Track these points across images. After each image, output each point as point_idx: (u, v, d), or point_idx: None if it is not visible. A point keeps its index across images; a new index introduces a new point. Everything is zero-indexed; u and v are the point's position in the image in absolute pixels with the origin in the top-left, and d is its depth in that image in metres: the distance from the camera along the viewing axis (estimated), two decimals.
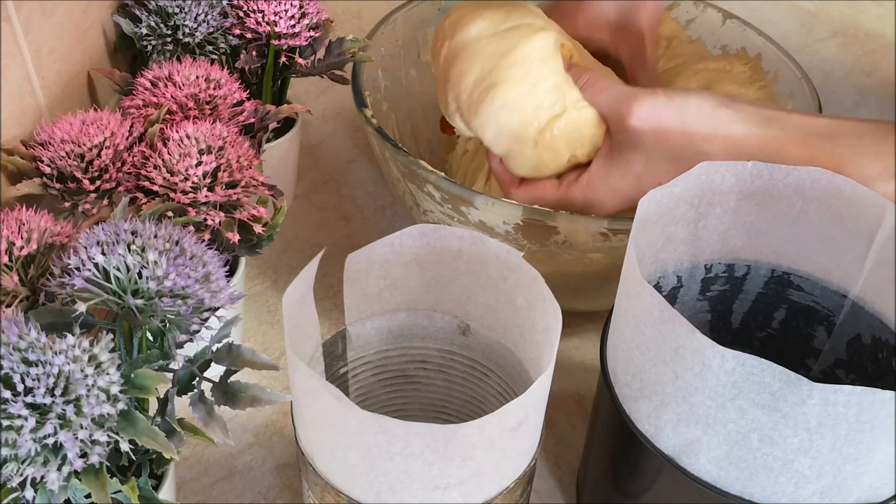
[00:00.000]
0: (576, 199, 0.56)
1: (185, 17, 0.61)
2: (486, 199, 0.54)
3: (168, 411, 0.41)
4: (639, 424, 0.44)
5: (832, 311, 0.51)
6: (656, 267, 0.50)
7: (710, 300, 0.54)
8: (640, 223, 0.44)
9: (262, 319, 0.66)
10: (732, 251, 0.51)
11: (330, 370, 0.49)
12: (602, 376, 0.47)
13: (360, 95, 0.63)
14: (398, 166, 0.59)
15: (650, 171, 0.52)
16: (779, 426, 0.38)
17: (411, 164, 0.56)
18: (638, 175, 0.53)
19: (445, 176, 0.55)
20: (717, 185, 0.48)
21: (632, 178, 0.53)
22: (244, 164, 0.51)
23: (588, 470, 0.53)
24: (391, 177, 0.63)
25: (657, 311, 0.40)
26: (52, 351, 0.35)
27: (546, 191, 0.57)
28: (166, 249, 0.39)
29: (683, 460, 0.42)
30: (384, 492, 0.39)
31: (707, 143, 0.50)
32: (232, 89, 0.57)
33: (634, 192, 0.53)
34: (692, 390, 0.39)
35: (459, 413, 0.53)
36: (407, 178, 0.59)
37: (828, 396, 0.35)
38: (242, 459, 0.57)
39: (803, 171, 0.46)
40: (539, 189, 0.57)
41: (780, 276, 0.51)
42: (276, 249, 0.71)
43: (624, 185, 0.54)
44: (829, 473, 0.39)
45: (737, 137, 0.50)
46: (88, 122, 0.51)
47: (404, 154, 0.57)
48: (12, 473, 0.33)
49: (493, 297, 0.46)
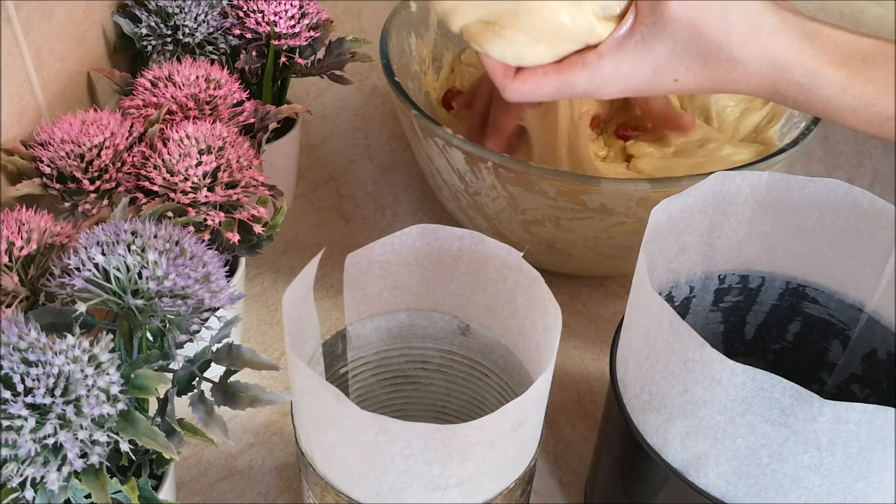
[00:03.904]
0: (578, 85, 0.51)
1: (185, 18, 0.61)
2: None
3: (168, 411, 0.41)
4: (647, 437, 0.44)
5: (847, 324, 0.50)
6: (669, 277, 0.49)
7: (723, 311, 0.53)
8: (653, 232, 0.44)
9: (262, 319, 0.66)
10: (747, 262, 0.51)
11: (330, 370, 0.49)
12: (611, 386, 0.47)
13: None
14: None
15: (671, 63, 0.49)
16: (789, 443, 0.37)
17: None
18: (656, 66, 0.49)
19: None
20: (732, 195, 0.47)
21: (648, 67, 0.49)
22: (244, 164, 0.51)
23: (596, 480, 0.53)
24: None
25: (667, 323, 0.39)
26: (52, 351, 0.35)
27: (545, 76, 0.52)
28: (166, 249, 0.39)
29: (692, 474, 0.42)
30: (384, 492, 0.39)
31: (742, 48, 0.47)
32: (232, 89, 0.57)
33: (646, 84, 0.50)
34: (701, 404, 0.39)
35: (459, 413, 0.53)
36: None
37: (839, 414, 0.35)
38: (242, 459, 0.57)
39: (820, 183, 0.46)
40: (537, 75, 0.52)
41: (795, 289, 0.51)
42: (276, 249, 0.71)
43: (637, 74, 0.50)
44: (839, 492, 0.38)
45: (775, 49, 0.47)
46: (88, 122, 0.51)
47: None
48: (12, 473, 0.33)
49: (493, 297, 0.46)
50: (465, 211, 0.65)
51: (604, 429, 0.51)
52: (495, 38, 0.51)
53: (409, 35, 0.73)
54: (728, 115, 0.72)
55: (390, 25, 0.70)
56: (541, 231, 0.62)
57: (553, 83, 0.51)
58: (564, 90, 0.51)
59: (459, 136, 0.58)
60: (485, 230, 0.65)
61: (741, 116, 0.72)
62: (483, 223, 0.65)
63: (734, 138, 0.71)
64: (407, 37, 0.73)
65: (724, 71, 0.49)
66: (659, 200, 0.44)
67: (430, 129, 0.60)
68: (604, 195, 0.56)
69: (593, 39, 0.50)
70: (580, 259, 0.65)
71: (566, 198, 0.57)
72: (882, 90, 0.46)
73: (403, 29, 0.72)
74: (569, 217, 0.59)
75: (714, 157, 0.67)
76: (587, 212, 0.58)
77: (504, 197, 0.60)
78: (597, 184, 0.56)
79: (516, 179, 0.57)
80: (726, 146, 0.68)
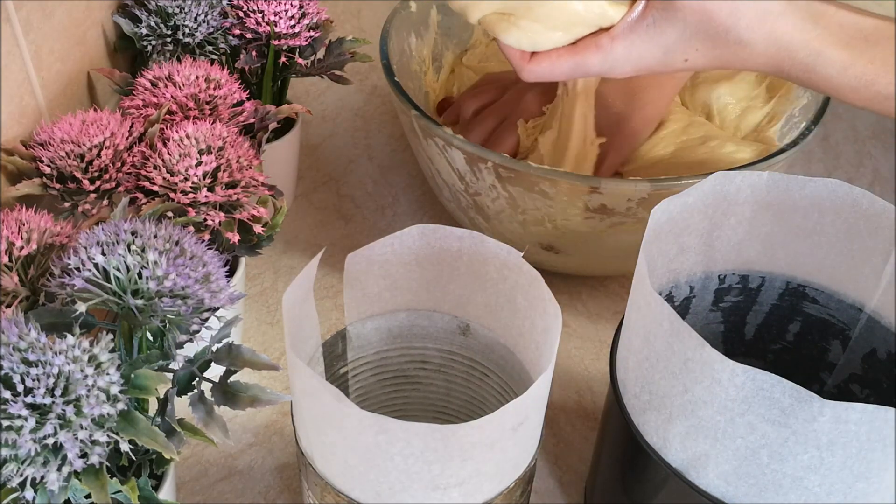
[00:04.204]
0: (592, 66, 0.53)
1: (185, 17, 0.61)
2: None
3: (168, 411, 0.41)
4: (647, 437, 0.44)
5: (847, 324, 0.50)
6: (668, 277, 0.49)
7: (723, 311, 0.53)
8: (653, 232, 0.44)
9: (262, 319, 0.66)
10: (747, 262, 0.51)
11: (330, 370, 0.49)
12: (611, 386, 0.47)
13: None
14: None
15: (681, 45, 0.51)
16: (789, 443, 0.37)
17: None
18: (667, 48, 0.51)
19: None
20: (732, 195, 0.47)
21: (659, 50, 0.51)
22: (244, 164, 0.51)
23: (596, 480, 0.53)
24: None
25: (667, 323, 0.39)
26: (52, 351, 0.35)
27: (560, 58, 0.54)
28: (166, 249, 0.39)
29: (692, 474, 0.42)
30: (384, 492, 0.39)
31: (750, 31, 0.49)
32: (232, 89, 0.57)
33: (657, 64, 0.52)
34: (701, 404, 0.39)
35: (459, 413, 0.53)
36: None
37: (839, 414, 0.35)
38: (242, 459, 0.57)
39: (820, 183, 0.46)
40: (552, 58, 0.54)
41: (795, 289, 0.51)
42: (276, 249, 0.71)
43: (648, 55, 0.52)
44: (839, 492, 0.38)
45: (781, 31, 0.49)
46: (88, 122, 0.51)
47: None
48: (12, 473, 0.33)
49: (493, 297, 0.46)
50: (465, 211, 0.65)
51: (604, 429, 0.51)
52: (511, 27, 0.53)
53: (409, 35, 0.73)
54: (729, 113, 0.72)
55: (390, 25, 0.70)
56: (541, 231, 0.62)
57: (568, 64, 0.54)
58: (579, 70, 0.54)
59: (459, 136, 0.58)
60: (485, 230, 0.65)
61: (742, 115, 0.72)
62: (483, 223, 0.65)
63: (735, 137, 0.71)
64: (407, 37, 0.73)
65: (732, 52, 0.50)
66: (659, 200, 0.44)
67: (430, 129, 0.60)
68: (604, 195, 0.56)
69: (606, 22, 0.52)
70: (580, 259, 0.65)
71: (566, 198, 0.57)
72: (882, 70, 0.48)
73: (403, 29, 0.72)
74: (569, 217, 0.59)
75: (716, 155, 0.67)
76: (587, 212, 0.58)
77: (504, 197, 0.60)
78: (597, 184, 0.56)
79: (516, 179, 0.57)
80: (728, 144, 0.68)
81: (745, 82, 0.73)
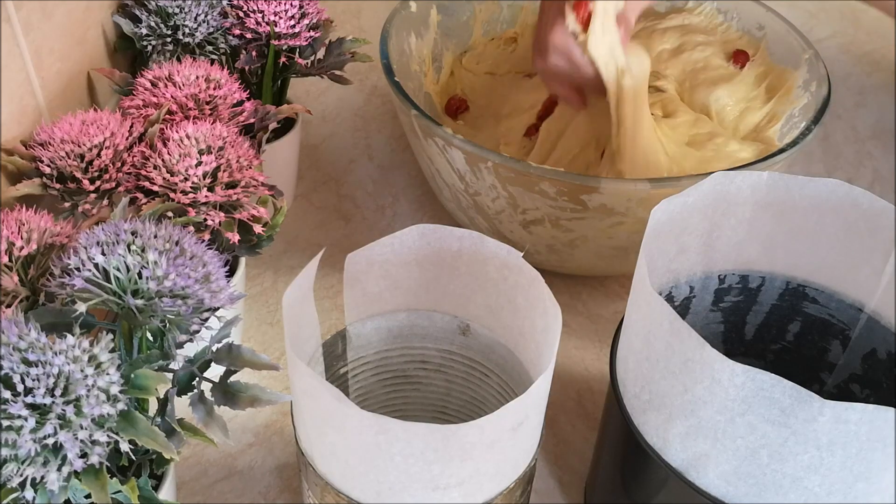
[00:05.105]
0: None
1: (185, 17, 0.61)
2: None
3: (168, 411, 0.41)
4: (647, 437, 0.44)
5: (847, 324, 0.50)
6: (668, 277, 0.49)
7: (723, 311, 0.53)
8: (653, 232, 0.44)
9: (262, 319, 0.66)
10: (747, 262, 0.51)
11: (330, 370, 0.49)
12: (611, 386, 0.47)
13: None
14: None
15: None
16: (789, 443, 0.37)
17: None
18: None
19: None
20: (732, 195, 0.47)
21: None
22: (244, 164, 0.51)
23: (596, 479, 0.53)
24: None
25: (667, 323, 0.39)
26: (52, 351, 0.35)
27: None
28: (166, 249, 0.39)
29: (692, 474, 0.42)
30: (384, 492, 0.39)
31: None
32: (232, 89, 0.57)
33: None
34: (701, 404, 0.39)
35: (459, 413, 0.53)
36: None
37: (839, 414, 0.35)
38: (242, 459, 0.57)
39: (820, 183, 0.46)
40: None
41: (795, 289, 0.51)
42: (276, 249, 0.71)
43: None
44: (839, 492, 0.38)
45: None
46: (88, 122, 0.51)
47: None
48: (12, 473, 0.33)
49: (493, 297, 0.46)
50: (465, 211, 0.65)
51: (604, 429, 0.51)
52: None
53: (409, 35, 0.73)
54: (728, 114, 0.73)
55: (390, 25, 0.70)
56: (541, 231, 0.62)
57: None
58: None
59: (459, 136, 0.58)
60: (485, 230, 0.65)
61: (740, 116, 0.72)
62: (483, 223, 0.65)
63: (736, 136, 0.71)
64: (407, 37, 0.73)
65: None
66: (659, 200, 0.44)
67: (430, 129, 0.59)
68: (604, 195, 0.56)
69: None
70: (580, 259, 0.65)
71: (566, 198, 0.57)
72: None
73: (403, 29, 0.72)
74: (569, 217, 0.59)
75: (721, 153, 0.67)
76: (587, 212, 0.58)
77: (504, 197, 0.60)
78: (597, 184, 0.56)
79: (516, 179, 0.57)
80: (732, 142, 0.68)
81: (744, 84, 0.73)
